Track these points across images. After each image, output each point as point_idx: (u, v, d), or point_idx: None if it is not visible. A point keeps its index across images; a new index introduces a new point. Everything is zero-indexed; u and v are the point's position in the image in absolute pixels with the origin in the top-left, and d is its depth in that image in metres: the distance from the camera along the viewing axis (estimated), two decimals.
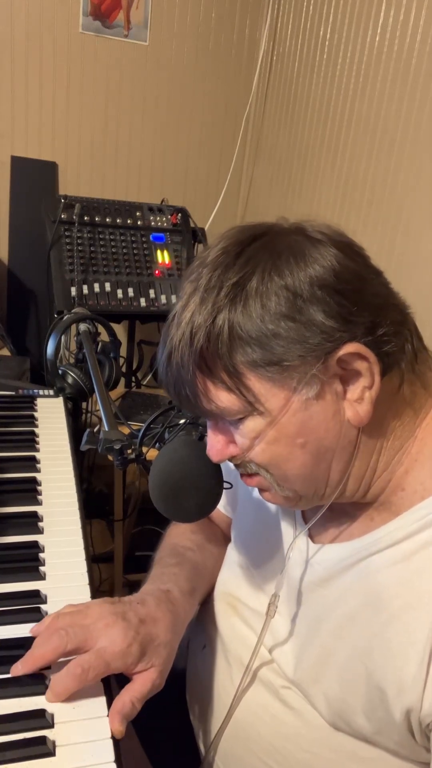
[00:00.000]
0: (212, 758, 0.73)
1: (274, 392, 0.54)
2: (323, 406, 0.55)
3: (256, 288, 0.53)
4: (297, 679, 0.65)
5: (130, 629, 0.60)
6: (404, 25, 1.52)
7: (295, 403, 0.54)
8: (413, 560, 0.56)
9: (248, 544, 0.78)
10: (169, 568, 0.76)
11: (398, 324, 0.57)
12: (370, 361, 0.54)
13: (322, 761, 0.63)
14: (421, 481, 0.58)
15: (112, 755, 0.53)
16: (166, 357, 0.58)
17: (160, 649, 0.62)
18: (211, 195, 2.37)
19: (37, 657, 0.59)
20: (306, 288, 0.53)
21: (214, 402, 0.57)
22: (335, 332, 0.53)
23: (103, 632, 0.59)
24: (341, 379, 0.55)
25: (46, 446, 1.08)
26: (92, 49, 2.12)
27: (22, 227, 2.18)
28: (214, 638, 0.77)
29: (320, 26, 1.89)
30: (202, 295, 0.55)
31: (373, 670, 0.57)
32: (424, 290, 1.42)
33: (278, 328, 0.53)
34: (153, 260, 1.90)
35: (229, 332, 0.53)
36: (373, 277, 0.58)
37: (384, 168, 1.61)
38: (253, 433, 0.57)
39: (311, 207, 1.96)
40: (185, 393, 0.58)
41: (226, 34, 2.25)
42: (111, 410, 0.97)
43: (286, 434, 0.56)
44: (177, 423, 0.83)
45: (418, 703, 0.53)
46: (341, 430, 0.56)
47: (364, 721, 0.58)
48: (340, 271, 0.54)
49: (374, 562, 0.59)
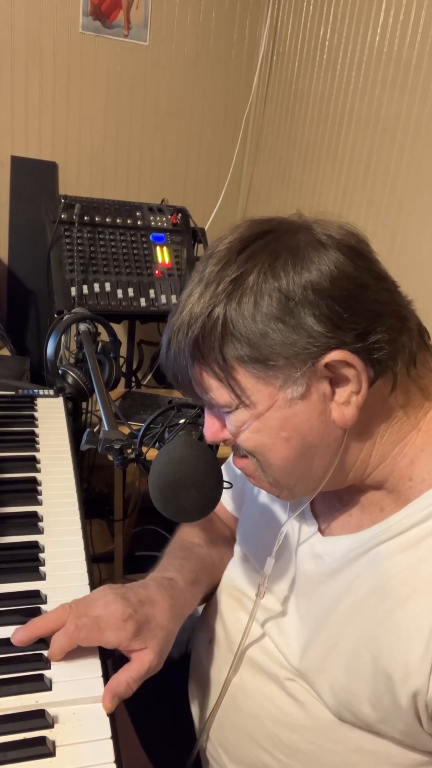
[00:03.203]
0: (212, 746, 0.74)
1: (260, 388, 0.56)
2: (308, 406, 0.56)
3: (251, 286, 0.54)
4: (303, 669, 0.65)
5: (128, 607, 0.63)
6: (404, 25, 1.52)
7: (280, 401, 0.56)
8: (420, 547, 0.57)
9: (253, 540, 0.79)
10: (176, 560, 0.78)
11: (396, 331, 0.56)
12: (357, 369, 0.54)
13: (327, 753, 0.63)
14: (428, 471, 0.59)
15: (113, 755, 0.53)
16: (167, 342, 0.60)
17: (156, 630, 0.64)
18: (211, 195, 2.37)
19: (39, 624, 0.62)
20: (299, 291, 0.53)
21: (206, 391, 0.59)
22: (322, 337, 0.53)
23: (103, 608, 0.63)
24: (330, 381, 0.56)
25: (46, 446, 1.08)
26: (92, 49, 2.12)
27: (22, 227, 2.18)
28: (220, 632, 0.78)
29: (320, 26, 1.89)
30: (204, 286, 0.57)
31: (379, 657, 0.57)
32: (425, 290, 1.42)
33: (267, 329, 0.54)
34: (153, 260, 1.90)
35: (222, 326, 0.55)
36: (375, 283, 0.57)
37: (384, 168, 1.61)
38: (240, 422, 0.59)
39: (311, 207, 1.95)
40: (181, 378, 0.61)
41: (226, 34, 2.26)
42: (111, 410, 0.97)
43: (269, 426, 0.57)
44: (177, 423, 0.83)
45: (424, 687, 0.54)
46: (326, 429, 0.57)
47: (369, 710, 0.59)
48: (337, 277, 0.54)
49: (382, 550, 0.59)
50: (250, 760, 0.69)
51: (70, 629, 0.60)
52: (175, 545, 0.84)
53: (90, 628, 0.61)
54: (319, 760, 0.64)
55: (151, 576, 0.73)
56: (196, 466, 0.68)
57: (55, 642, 0.61)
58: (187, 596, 0.73)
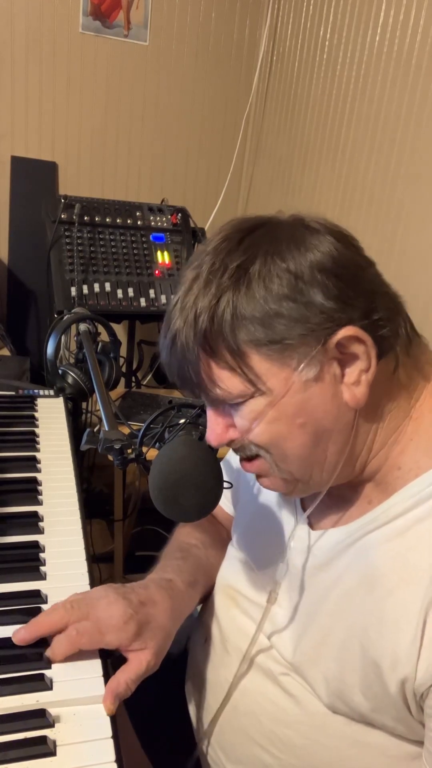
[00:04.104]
0: (211, 747, 0.74)
1: (275, 372, 0.56)
2: (322, 388, 0.56)
3: (259, 271, 0.55)
4: (296, 662, 0.66)
5: (129, 607, 0.63)
6: (404, 25, 1.52)
7: (296, 384, 0.56)
8: (407, 536, 0.57)
9: (248, 538, 0.79)
10: (174, 561, 0.78)
11: (392, 311, 0.59)
12: (367, 345, 0.56)
13: (323, 747, 0.64)
14: (416, 460, 0.60)
15: (113, 755, 0.53)
16: (171, 340, 0.59)
17: (156, 631, 0.64)
18: (211, 195, 2.37)
19: (41, 624, 0.62)
20: (306, 271, 0.55)
21: (216, 384, 0.58)
22: (335, 313, 0.55)
23: (104, 608, 0.63)
24: (339, 362, 0.57)
25: (46, 446, 1.08)
26: (92, 49, 2.12)
27: (22, 227, 2.18)
28: (215, 631, 0.78)
29: (320, 26, 1.89)
30: (206, 279, 0.56)
31: (368, 647, 0.58)
32: (425, 289, 1.42)
33: (280, 308, 0.54)
34: (153, 260, 1.90)
35: (232, 312, 0.55)
36: (368, 266, 0.60)
37: (384, 168, 1.61)
38: (253, 413, 0.58)
39: (311, 207, 1.96)
40: (189, 375, 0.60)
41: (226, 34, 2.26)
42: (111, 410, 0.97)
43: (285, 414, 0.57)
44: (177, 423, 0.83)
45: (412, 674, 0.55)
46: (339, 412, 0.58)
47: (361, 699, 0.59)
48: (338, 257, 0.56)
49: (370, 540, 0.60)
50: (247, 759, 0.70)
51: (72, 635, 0.60)
52: (172, 547, 0.84)
53: (91, 633, 0.61)
54: (315, 754, 0.64)
55: (149, 577, 0.73)
56: (196, 466, 0.68)
57: (57, 647, 0.61)
58: (186, 597, 0.73)
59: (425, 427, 0.61)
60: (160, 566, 0.78)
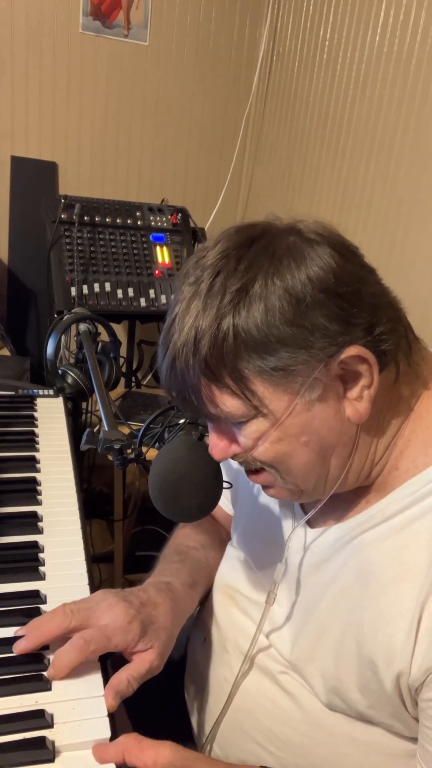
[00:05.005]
0: (211, 746, 0.74)
1: (278, 395, 0.55)
2: (325, 407, 0.56)
3: (260, 293, 0.53)
4: (293, 659, 0.66)
5: (131, 608, 0.63)
6: (404, 25, 1.52)
7: (299, 406, 0.55)
8: (403, 534, 0.58)
9: (247, 538, 0.79)
10: (172, 564, 0.78)
11: (394, 321, 0.58)
12: (370, 362, 0.55)
13: (320, 745, 0.64)
14: (413, 459, 0.60)
15: None
16: (170, 362, 0.58)
17: (159, 631, 0.64)
18: (211, 195, 2.37)
19: (43, 631, 0.61)
20: (308, 292, 0.53)
21: (218, 406, 0.57)
22: (338, 336, 0.54)
23: (105, 611, 0.62)
24: (341, 378, 0.56)
25: (46, 446, 1.08)
26: (92, 49, 2.12)
27: (22, 227, 2.18)
28: (214, 630, 0.78)
29: (320, 26, 1.89)
30: (204, 300, 0.55)
31: (363, 643, 0.58)
32: (424, 290, 1.42)
33: (282, 334, 0.53)
34: (153, 260, 1.90)
35: (234, 338, 0.54)
36: (369, 276, 0.58)
37: (384, 168, 1.61)
38: (257, 433, 0.57)
39: (311, 207, 1.96)
40: (189, 398, 0.58)
41: (226, 34, 2.25)
42: (111, 410, 0.97)
43: (289, 434, 0.57)
44: (176, 423, 0.84)
45: (406, 669, 0.55)
46: (342, 428, 0.57)
47: (358, 696, 0.59)
48: (339, 273, 0.54)
49: (367, 538, 0.60)
50: (245, 756, 0.70)
51: (79, 644, 0.59)
52: (170, 550, 0.84)
53: (98, 640, 0.59)
54: (314, 752, 0.64)
55: (148, 581, 0.73)
56: (196, 467, 0.68)
57: (64, 658, 0.59)
58: (186, 599, 0.73)
59: (422, 427, 0.61)
60: (158, 570, 0.77)
